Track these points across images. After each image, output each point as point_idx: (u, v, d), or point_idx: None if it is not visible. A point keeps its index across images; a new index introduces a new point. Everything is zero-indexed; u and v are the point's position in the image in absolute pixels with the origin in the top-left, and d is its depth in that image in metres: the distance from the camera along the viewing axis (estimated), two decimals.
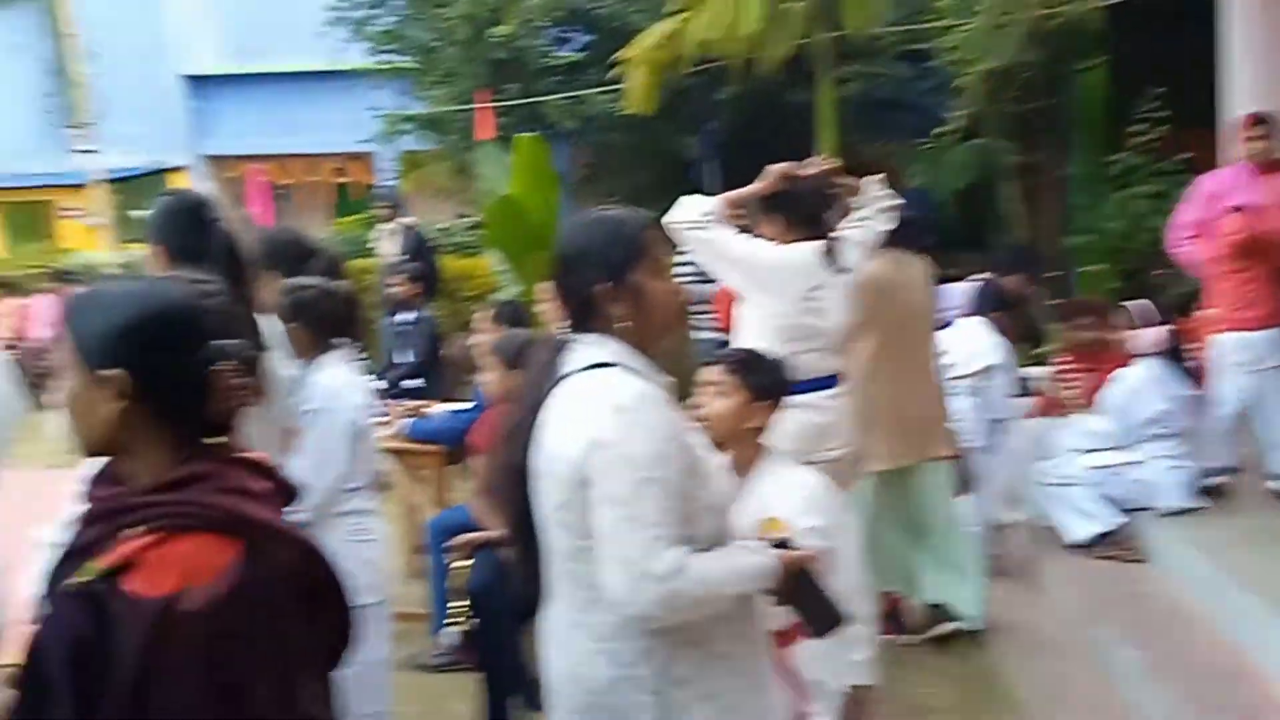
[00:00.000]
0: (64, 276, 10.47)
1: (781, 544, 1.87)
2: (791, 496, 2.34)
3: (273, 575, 1.36)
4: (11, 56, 15.31)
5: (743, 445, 2.42)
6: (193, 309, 1.41)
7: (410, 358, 6.81)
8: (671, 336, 1.95)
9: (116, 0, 14.62)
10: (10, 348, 10.27)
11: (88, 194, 14.59)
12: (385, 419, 4.43)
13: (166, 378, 1.37)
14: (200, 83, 15.88)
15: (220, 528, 1.34)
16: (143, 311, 1.37)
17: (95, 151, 10.43)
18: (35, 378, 9.81)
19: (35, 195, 15.30)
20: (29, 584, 2.10)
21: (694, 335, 6.17)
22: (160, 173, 15.52)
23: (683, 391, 2.09)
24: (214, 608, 1.27)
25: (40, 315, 10.34)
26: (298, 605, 1.41)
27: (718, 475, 1.87)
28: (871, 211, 3.42)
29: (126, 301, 1.38)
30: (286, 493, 1.50)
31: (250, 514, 1.37)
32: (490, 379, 3.45)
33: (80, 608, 1.28)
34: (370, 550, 2.91)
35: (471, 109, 10.34)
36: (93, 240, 14.43)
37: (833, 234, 3.32)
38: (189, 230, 2.43)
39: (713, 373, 2.45)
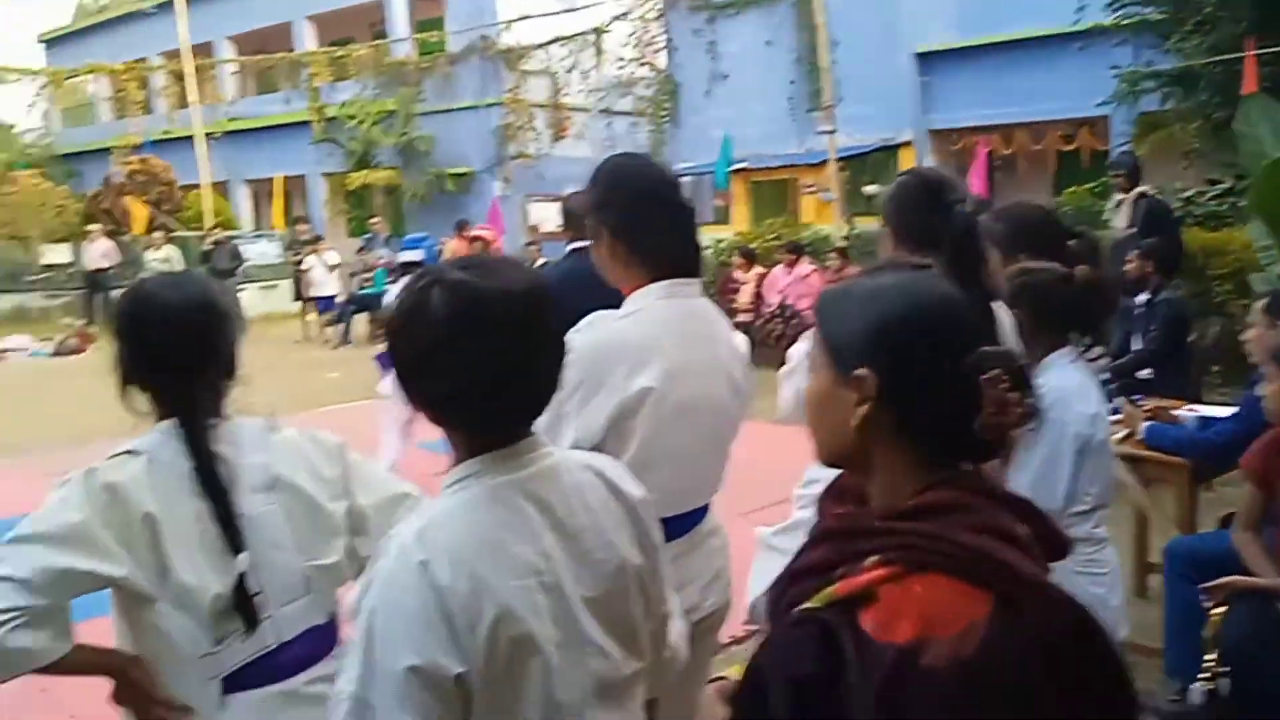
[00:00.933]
0: (797, 249, 11.40)
1: None
2: None
3: (1031, 642, 1.08)
4: (767, 51, 17.17)
5: None
6: (958, 308, 1.18)
7: (1142, 344, 6.05)
8: None
9: None
10: (747, 311, 11.59)
11: (824, 172, 15.79)
12: (1118, 418, 3.89)
13: (921, 384, 1.15)
14: (930, 59, 16.15)
15: (968, 573, 1.09)
16: (901, 308, 1.17)
17: (834, 132, 11.16)
18: (768, 339, 10.98)
19: (779, 174, 17.03)
20: (758, 581, 2.11)
21: None
22: (887, 149, 16.19)
23: None
24: (958, 669, 1.03)
25: (775, 284, 11.41)
26: (1059, 686, 1.10)
27: None
28: None
29: (883, 297, 1.19)
30: (1055, 544, 1.20)
31: (1008, 562, 1.10)
32: (1271, 390, 2.74)
33: (809, 638, 1.11)
34: (1100, 585, 2.48)
35: (1231, 59, 8.88)
36: (827, 215, 15.60)
37: None
38: (925, 212, 2.24)
39: None
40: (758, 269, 11.85)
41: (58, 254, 20.24)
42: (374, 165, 21.79)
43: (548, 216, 22.28)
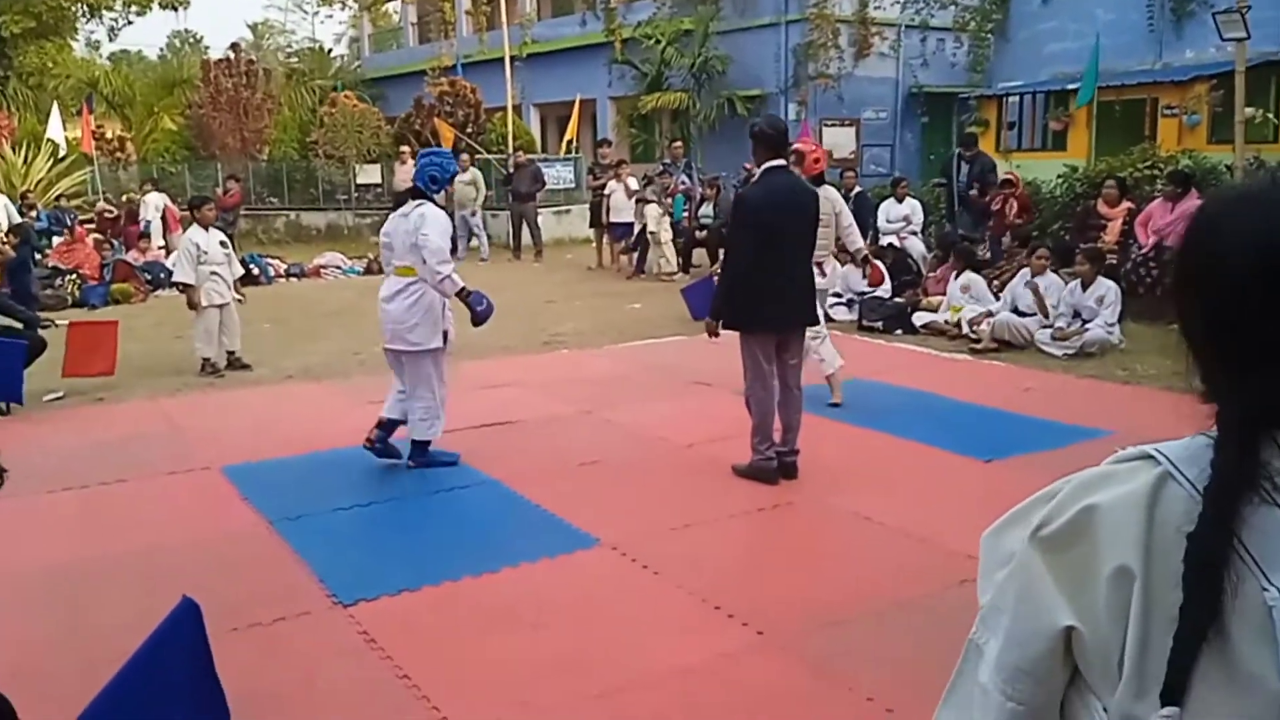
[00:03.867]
0: (1184, 179, 9.63)
1: None
2: None
3: None
4: None
5: None
6: None
7: None
8: None
9: None
10: (1113, 252, 9.97)
11: (1191, 91, 13.54)
12: None
13: None
14: None
15: None
16: None
17: (1247, 38, 9.17)
18: (1138, 286, 9.39)
19: (1132, 94, 14.77)
20: None
21: None
22: (1268, 65, 13.64)
23: None
24: None
25: (1151, 221, 9.72)
26: None
27: None
28: None
29: None
30: None
31: None
32: None
33: None
34: None
35: None
36: (1191, 141, 13.42)
37: None
38: None
39: None
40: (1126, 203, 10.13)
41: (370, 174, 21.07)
42: (665, 88, 21.13)
43: (843, 142, 20.87)
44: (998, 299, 9.22)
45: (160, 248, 15.10)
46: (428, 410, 5.69)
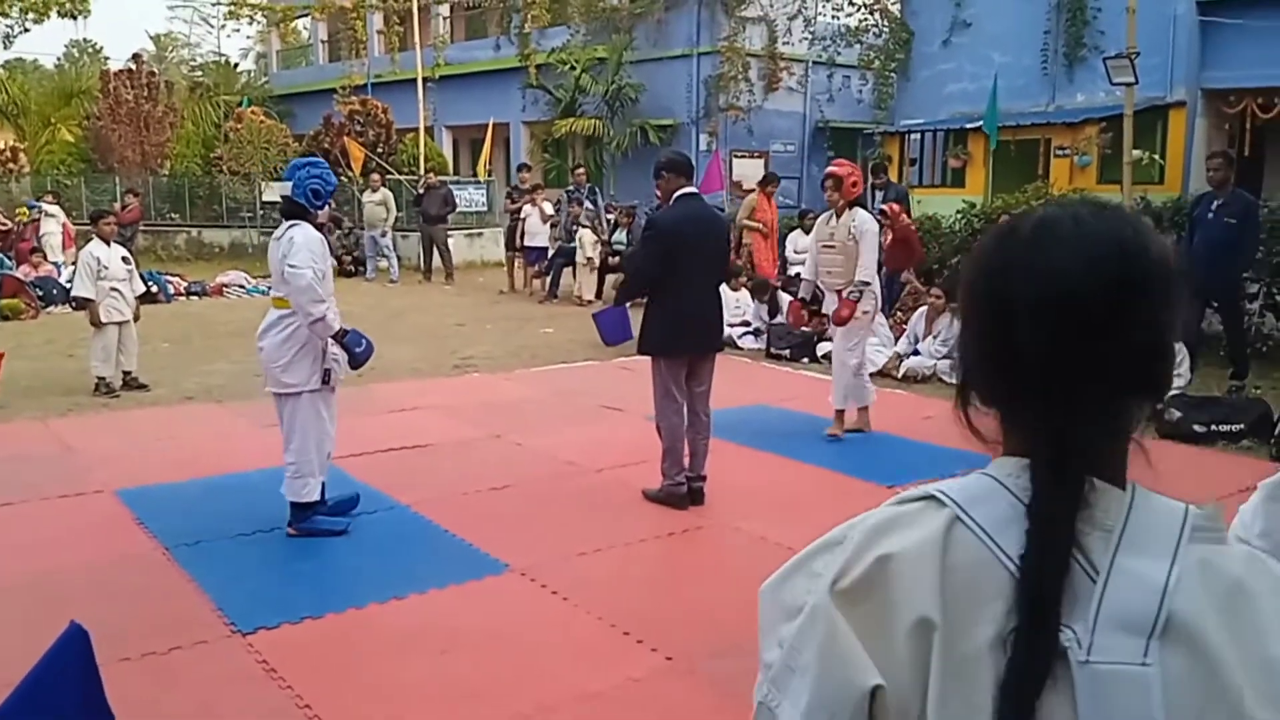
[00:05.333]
0: None
1: None
2: None
3: None
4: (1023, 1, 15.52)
5: None
6: None
7: None
8: None
9: None
10: None
11: (1083, 133, 14.18)
12: None
13: None
14: (1215, 9, 14.18)
15: None
16: None
17: (1135, 84, 9.65)
18: None
19: (1026, 134, 15.40)
20: None
21: None
22: (1155, 110, 14.38)
23: None
24: None
25: None
26: None
27: None
28: None
29: None
30: None
31: None
32: None
33: None
34: None
35: None
36: (1081, 181, 14.04)
37: None
38: None
39: None
40: None
41: (276, 192, 20.64)
42: (579, 114, 21.28)
43: (751, 173, 21.30)
44: (897, 337, 9.51)
45: (54, 264, 14.59)
46: (299, 466, 4.95)
